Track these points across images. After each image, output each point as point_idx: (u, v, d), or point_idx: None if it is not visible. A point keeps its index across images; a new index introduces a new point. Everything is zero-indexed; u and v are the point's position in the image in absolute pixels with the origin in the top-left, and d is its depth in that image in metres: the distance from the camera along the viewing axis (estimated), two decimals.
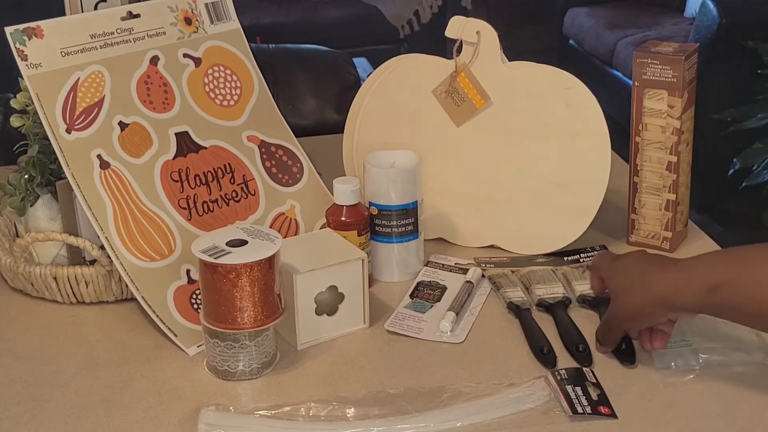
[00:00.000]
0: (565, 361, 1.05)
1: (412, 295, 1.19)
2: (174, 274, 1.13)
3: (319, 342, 1.10)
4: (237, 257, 1.00)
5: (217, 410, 0.96)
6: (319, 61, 2.25)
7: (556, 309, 1.14)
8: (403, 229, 1.22)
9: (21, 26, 1.13)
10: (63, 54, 1.15)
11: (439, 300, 1.18)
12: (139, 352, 1.09)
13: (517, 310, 1.14)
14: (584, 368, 1.02)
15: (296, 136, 1.30)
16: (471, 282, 1.20)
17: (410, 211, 1.22)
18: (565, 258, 1.25)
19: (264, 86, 1.30)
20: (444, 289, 1.20)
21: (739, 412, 0.97)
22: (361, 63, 2.97)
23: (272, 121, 1.29)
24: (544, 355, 1.05)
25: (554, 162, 1.26)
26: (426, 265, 1.26)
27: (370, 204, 1.21)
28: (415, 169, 1.22)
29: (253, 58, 1.30)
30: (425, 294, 1.19)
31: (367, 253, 1.16)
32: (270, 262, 1.01)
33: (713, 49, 3.07)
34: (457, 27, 1.28)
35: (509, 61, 1.28)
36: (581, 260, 1.24)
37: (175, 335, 1.09)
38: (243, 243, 1.03)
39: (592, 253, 1.26)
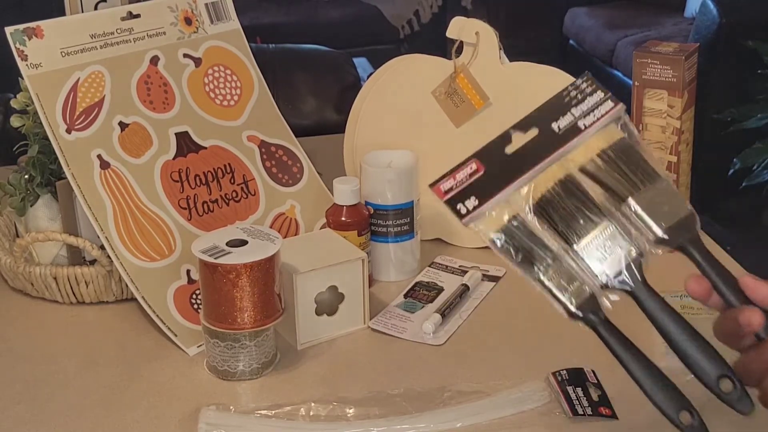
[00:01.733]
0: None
1: (406, 295, 1.20)
2: (174, 274, 1.13)
3: (319, 342, 1.10)
4: (237, 257, 1.00)
5: (217, 410, 0.96)
6: (319, 61, 2.24)
7: (639, 291, 0.75)
8: (399, 228, 1.22)
9: (21, 26, 1.13)
10: (63, 54, 1.16)
11: (432, 301, 1.18)
12: (139, 352, 1.09)
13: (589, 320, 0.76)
14: (585, 369, 1.02)
15: (296, 136, 1.30)
16: (466, 285, 1.19)
17: (406, 211, 1.22)
18: (558, 124, 0.78)
19: (264, 86, 1.30)
20: (440, 290, 1.20)
21: (740, 414, 0.96)
22: (361, 63, 2.98)
23: (272, 121, 1.29)
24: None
25: None
26: (429, 266, 1.26)
27: (366, 203, 1.21)
28: (411, 169, 1.22)
29: (253, 58, 1.30)
30: (420, 294, 1.20)
31: (367, 253, 1.16)
32: (270, 262, 1.01)
33: (713, 49, 3.07)
34: (457, 28, 1.28)
35: (510, 61, 1.28)
36: (582, 125, 0.77)
37: (175, 335, 1.09)
38: (243, 243, 1.03)
39: (591, 103, 0.78)
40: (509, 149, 0.79)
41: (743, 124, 3.01)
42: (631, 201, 0.75)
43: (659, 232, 0.74)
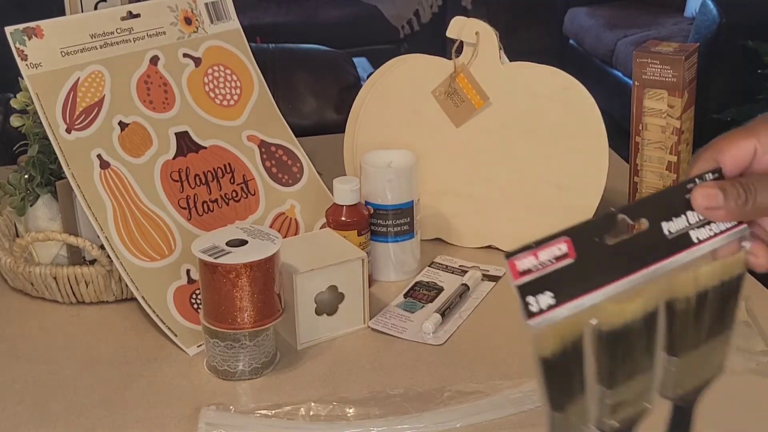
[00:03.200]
0: None
1: (406, 295, 1.20)
2: (174, 274, 1.13)
3: (319, 342, 1.10)
4: (237, 257, 1.00)
5: (217, 410, 0.96)
6: (319, 61, 2.24)
7: None
8: (399, 228, 1.22)
9: (21, 26, 1.13)
10: (63, 54, 1.16)
11: (432, 301, 1.18)
12: (139, 352, 1.09)
13: None
14: None
15: (296, 136, 1.30)
16: (466, 285, 1.19)
17: (406, 211, 1.22)
18: (668, 227, 0.62)
19: (264, 86, 1.30)
20: (440, 290, 1.20)
21: (739, 415, 0.97)
22: (361, 63, 2.97)
23: (272, 120, 1.29)
24: None
25: (552, 162, 1.26)
26: (429, 266, 1.26)
27: (366, 203, 1.21)
28: (411, 169, 1.22)
29: (253, 58, 1.30)
30: (420, 294, 1.20)
31: (367, 253, 1.16)
32: (270, 262, 1.01)
33: (713, 49, 3.08)
34: (457, 28, 1.28)
35: (510, 61, 1.28)
36: (695, 238, 0.62)
37: (175, 335, 1.09)
38: (243, 243, 1.03)
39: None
40: (611, 239, 0.60)
41: (743, 124, 3.01)
42: (672, 359, 0.62)
43: (669, 395, 0.64)
